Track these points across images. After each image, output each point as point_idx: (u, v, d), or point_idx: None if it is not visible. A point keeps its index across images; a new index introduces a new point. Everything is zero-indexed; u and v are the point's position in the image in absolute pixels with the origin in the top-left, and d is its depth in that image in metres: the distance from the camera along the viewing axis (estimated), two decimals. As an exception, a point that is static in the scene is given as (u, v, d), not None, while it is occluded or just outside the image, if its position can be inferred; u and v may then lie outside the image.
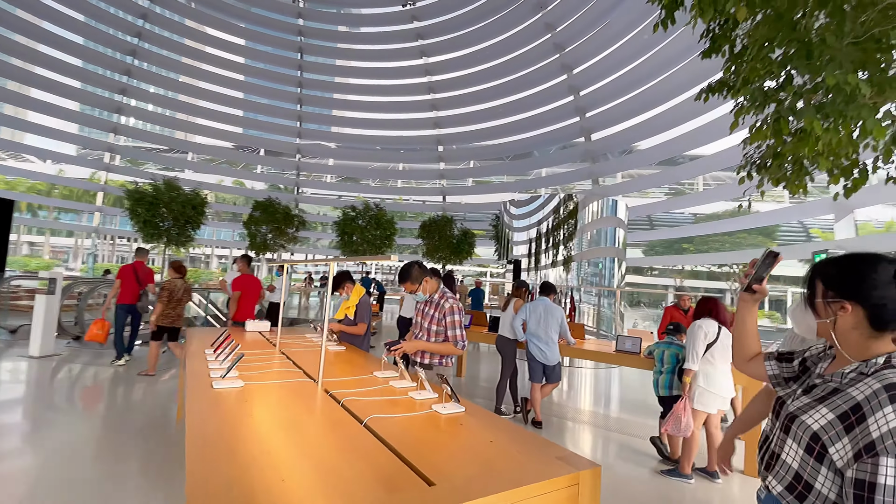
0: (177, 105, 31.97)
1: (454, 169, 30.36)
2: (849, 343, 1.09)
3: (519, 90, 24.28)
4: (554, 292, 5.21)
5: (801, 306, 1.19)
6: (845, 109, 1.95)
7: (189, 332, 4.18)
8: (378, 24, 28.19)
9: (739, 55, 3.04)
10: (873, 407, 0.95)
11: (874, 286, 1.05)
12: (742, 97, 3.42)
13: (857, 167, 2.68)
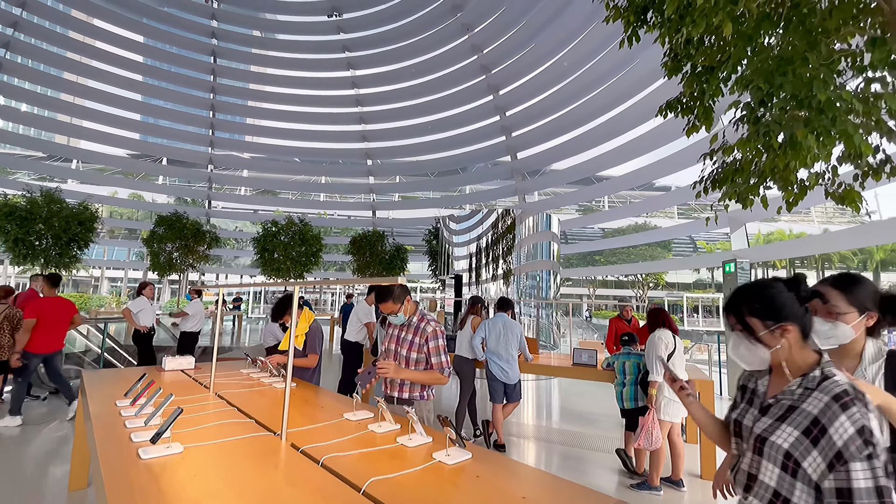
0: (58, 105, 27.81)
1: (383, 184, 29.87)
2: (793, 361, 1.22)
3: (447, 108, 24.68)
4: (511, 307, 5.08)
5: (744, 345, 1.26)
6: (830, 126, 2.04)
7: (85, 375, 3.34)
8: (303, 33, 27.14)
9: (701, 74, 3.16)
10: (830, 418, 1.06)
11: (793, 303, 1.21)
12: (695, 115, 3.60)
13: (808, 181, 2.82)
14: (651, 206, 19.34)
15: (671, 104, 3.60)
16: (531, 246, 11.69)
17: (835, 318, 1.46)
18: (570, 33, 18.22)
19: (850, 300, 1.46)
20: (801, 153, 2.19)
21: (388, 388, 2.63)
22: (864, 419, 1.02)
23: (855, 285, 1.48)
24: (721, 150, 3.02)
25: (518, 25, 20.47)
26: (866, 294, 1.46)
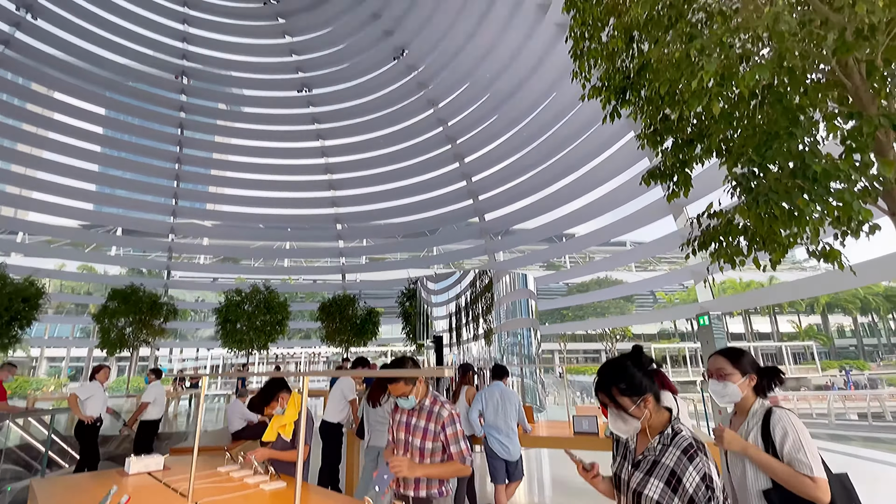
0: (8, 177, 26.62)
1: (352, 247, 29.71)
2: (651, 423, 1.52)
3: (415, 174, 25.50)
4: (507, 374, 4.89)
5: (620, 419, 1.55)
6: (826, 194, 2.20)
7: (35, 485, 2.84)
8: (272, 107, 27.96)
9: (681, 147, 3.39)
10: (682, 469, 1.37)
11: (645, 377, 1.54)
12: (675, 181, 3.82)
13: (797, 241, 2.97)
14: (619, 261, 20.13)
15: (653, 174, 3.81)
16: (510, 304, 11.69)
17: (724, 379, 1.91)
18: (532, 103, 19.68)
19: (735, 366, 1.91)
20: (803, 221, 2.32)
21: (401, 487, 2.35)
22: (706, 467, 1.34)
23: (739, 355, 1.94)
24: (708, 215, 3.17)
25: (481, 100, 21.99)
26: (748, 361, 1.92)
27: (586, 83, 4.78)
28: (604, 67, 4.48)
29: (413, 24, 22.56)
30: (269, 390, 3.48)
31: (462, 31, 20.84)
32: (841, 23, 2.17)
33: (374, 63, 25.23)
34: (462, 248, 27.74)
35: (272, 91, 27.78)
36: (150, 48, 25.81)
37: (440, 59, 22.73)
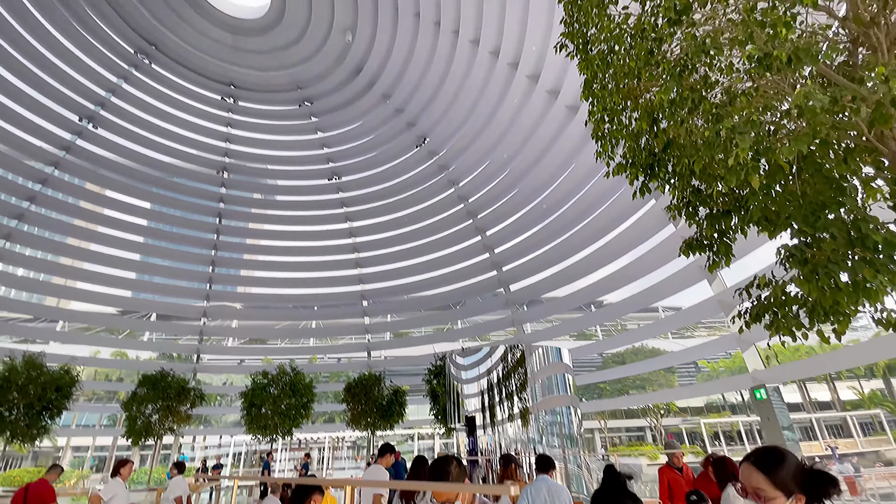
0: (55, 269, 28.40)
1: (378, 323, 29.64)
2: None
3: (438, 249, 26.09)
4: (553, 466, 4.50)
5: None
6: (889, 262, 2.15)
7: None
8: (305, 194, 29.89)
9: (718, 218, 3.42)
10: None
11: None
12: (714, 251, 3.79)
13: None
14: (655, 330, 19.29)
15: (691, 245, 3.80)
16: (545, 379, 11.14)
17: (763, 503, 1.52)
18: (549, 176, 20.48)
19: (776, 484, 1.52)
20: (870, 291, 2.25)
21: None
22: None
23: (778, 465, 1.55)
24: (760, 285, 3.10)
25: (499, 176, 23.07)
26: (788, 474, 1.52)
27: (610, 161, 4.99)
28: (627, 145, 4.70)
29: (432, 115, 24.57)
30: (302, 494, 3.31)
31: (478, 118, 22.47)
32: (875, 97, 2.26)
33: (398, 151, 27.18)
34: (489, 320, 27.28)
35: (304, 180, 29.84)
36: (197, 149, 28.52)
37: (459, 144, 24.33)
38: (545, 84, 18.68)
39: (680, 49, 4.04)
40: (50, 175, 23.62)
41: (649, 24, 3.64)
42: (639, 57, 3.72)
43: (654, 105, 3.60)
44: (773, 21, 2.71)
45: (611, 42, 4.36)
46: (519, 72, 19.38)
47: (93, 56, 24.08)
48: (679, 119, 3.39)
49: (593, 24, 4.62)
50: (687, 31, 3.55)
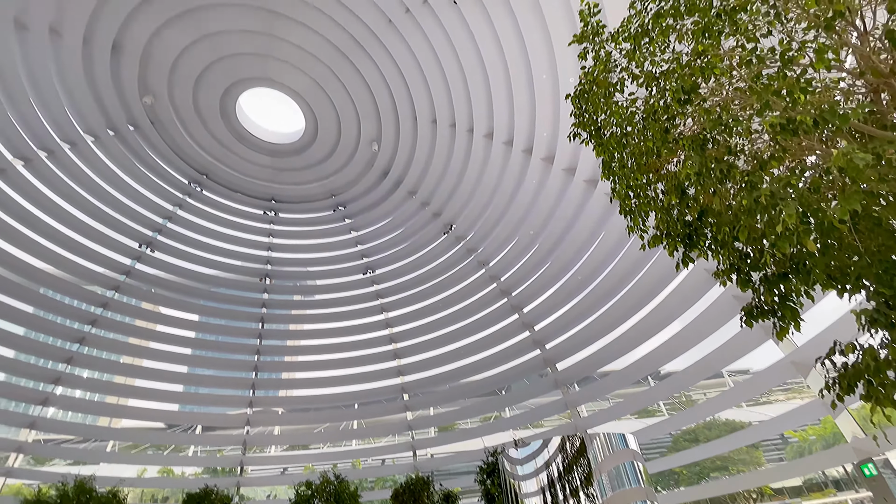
0: (110, 388, 29.32)
1: (421, 418, 28.27)
2: None
3: (475, 332, 25.64)
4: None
5: None
6: None
7: None
8: (342, 290, 30.80)
9: (776, 282, 3.25)
10: None
11: None
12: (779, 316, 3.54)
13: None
14: (728, 400, 17.25)
15: (751, 312, 3.60)
16: (612, 470, 10.01)
17: None
18: (579, 247, 20.48)
19: None
20: None
21: None
22: None
23: None
24: (844, 352, 2.83)
25: (529, 253, 23.23)
26: None
27: (644, 234, 4.98)
28: (658, 216, 4.71)
29: (456, 204, 25.89)
30: None
31: (501, 201, 23.38)
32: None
33: (426, 240, 28.23)
34: (540, 404, 25.56)
35: (340, 277, 30.96)
36: (241, 260, 30.48)
37: (485, 227, 25.11)
38: (561, 163, 19.49)
39: (695, 123, 4.21)
40: (110, 299, 25.48)
41: (659, 106, 3.85)
42: (655, 137, 3.89)
43: (679, 178, 3.66)
44: (788, 88, 2.81)
45: (623, 125, 4.60)
46: (534, 156, 20.44)
47: (153, 189, 27.22)
48: (710, 189, 3.42)
49: (601, 111, 4.93)
50: (697, 106, 3.72)
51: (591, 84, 4.84)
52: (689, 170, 3.40)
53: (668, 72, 3.97)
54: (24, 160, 21.44)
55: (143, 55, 22.46)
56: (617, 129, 4.73)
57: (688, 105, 3.62)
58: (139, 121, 25.44)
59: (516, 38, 17.81)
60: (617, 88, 4.74)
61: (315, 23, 22.10)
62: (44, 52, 19.91)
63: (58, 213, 23.13)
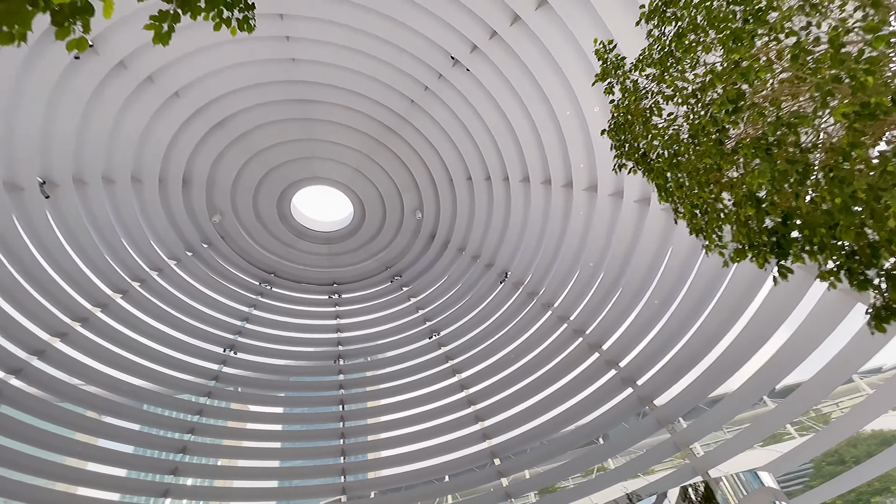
0: (211, 494, 30.24)
1: (518, 482, 26.38)
2: None
3: (556, 379, 24.26)
4: None
5: None
6: None
7: None
8: (411, 359, 30.88)
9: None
10: None
11: None
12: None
13: None
14: (874, 409, 14.55)
15: (880, 314, 3.15)
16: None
17: None
18: (648, 270, 19.37)
19: None
20: None
21: None
22: None
23: None
24: None
25: (594, 286, 22.30)
26: None
27: (722, 251, 4.65)
28: (733, 228, 4.39)
29: (507, 251, 25.89)
30: None
31: (550, 239, 23.09)
32: None
33: (484, 292, 28.04)
34: (647, 446, 23.15)
35: (407, 346, 31.12)
36: (314, 346, 31.70)
37: (540, 268, 24.72)
38: (606, 190, 19.12)
39: (747, 128, 4.02)
40: (204, 405, 27.05)
41: (706, 121, 3.73)
42: (709, 151, 3.73)
43: (750, 188, 3.44)
44: (849, 72, 2.63)
45: (669, 146, 4.48)
46: (575, 189, 20.27)
47: (230, 296, 29.59)
48: (792, 192, 3.15)
49: (642, 138, 4.85)
50: (749, 111, 3.57)
51: (624, 115, 4.83)
52: (759, 178, 3.19)
53: (705, 85, 3.88)
54: (122, 292, 24.29)
55: (207, 181, 25.59)
56: (664, 150, 4.61)
57: (737, 114, 3.48)
58: (211, 237, 28.40)
59: (533, 87, 18.51)
60: (653, 112, 4.69)
61: (347, 119, 24.33)
62: (128, 198, 23.18)
63: (152, 332, 25.57)
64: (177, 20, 2.66)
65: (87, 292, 22.48)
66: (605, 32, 13.43)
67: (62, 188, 19.92)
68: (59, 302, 21.02)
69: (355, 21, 19.02)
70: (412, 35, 19.25)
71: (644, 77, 4.64)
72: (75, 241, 21.47)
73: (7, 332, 18.79)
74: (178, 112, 22.19)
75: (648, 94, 4.56)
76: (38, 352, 20.02)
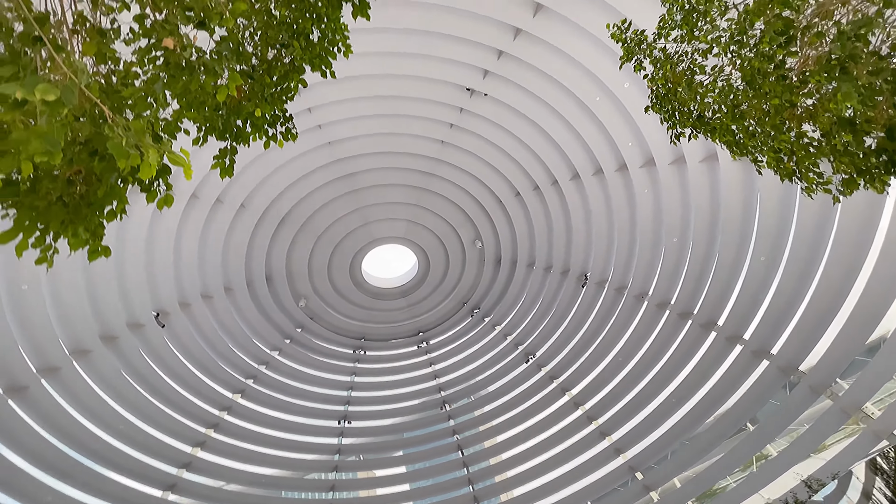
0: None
1: (670, 493, 23.93)
2: None
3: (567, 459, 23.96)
4: None
5: None
6: None
7: None
8: (516, 387, 30.16)
9: None
10: None
11: None
12: None
13: None
14: None
15: None
16: None
17: None
18: (671, 371, 18.83)
19: None
20: None
21: None
22: None
23: None
24: None
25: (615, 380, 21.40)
26: None
27: (828, 188, 4.10)
28: (835, 160, 3.89)
29: (578, 253, 25.04)
30: None
31: (622, 229, 21.95)
32: None
33: (568, 300, 27.03)
34: (804, 421, 20.11)
35: (507, 376, 30.43)
36: (418, 398, 31.99)
37: (620, 258, 23.41)
38: (664, 160, 18.03)
39: (804, 58, 3.62)
40: (335, 480, 28.05)
41: (757, 63, 3.39)
42: (775, 91, 3.37)
43: (839, 112, 3.04)
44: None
45: (725, 99, 4.13)
46: (631, 170, 19.35)
47: (330, 370, 31.14)
48: (887, 103, 2.73)
49: (692, 100, 4.53)
50: (805, 37, 3.22)
51: (664, 84, 4.57)
52: (845, 102, 2.82)
53: (742, 27, 3.58)
54: (241, 392, 26.55)
55: (287, 272, 27.86)
56: (720, 106, 4.26)
57: (790, 44, 3.15)
58: (302, 321, 30.49)
59: (555, 87, 18.40)
60: (694, 72, 4.39)
61: (388, 178, 25.68)
62: (226, 307, 25.72)
63: (273, 422, 27.30)
64: (234, 153, 3.01)
65: (212, 400, 24.84)
66: (613, 15, 13.12)
67: (172, 315, 22.62)
68: (192, 415, 23.38)
69: (372, 90, 20.34)
70: (426, 83, 20.13)
71: (672, 42, 4.40)
72: (193, 357, 24.05)
73: (153, 452, 21.04)
74: (247, 221, 24.73)
75: (683, 57, 4.30)
76: (184, 465, 22.13)
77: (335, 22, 3.40)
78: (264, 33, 3.16)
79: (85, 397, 18.08)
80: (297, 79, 3.40)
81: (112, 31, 3.06)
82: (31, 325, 15.48)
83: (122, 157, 1.85)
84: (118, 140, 1.83)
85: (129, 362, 20.39)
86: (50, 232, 2.66)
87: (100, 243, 2.83)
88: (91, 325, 18.03)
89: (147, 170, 2.01)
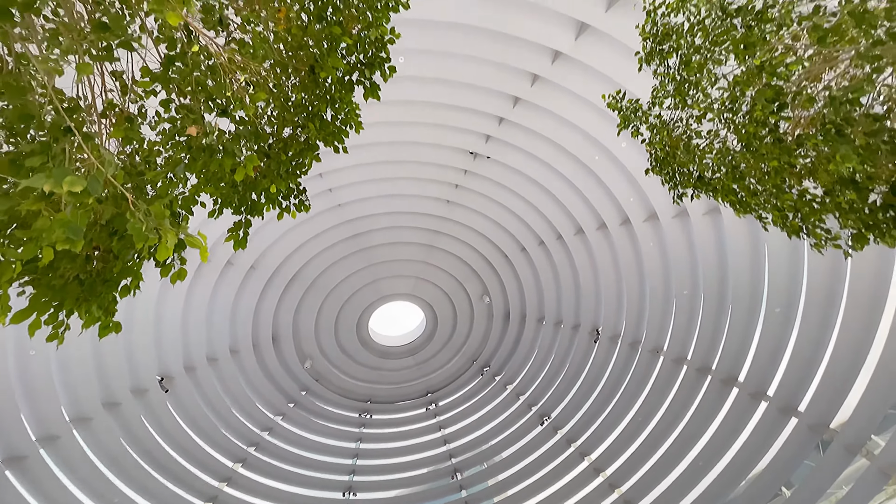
0: None
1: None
2: None
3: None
4: None
5: None
6: None
7: None
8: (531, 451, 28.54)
9: None
10: None
11: None
12: None
13: None
14: None
15: None
16: None
17: None
18: (691, 436, 18.76)
19: None
20: None
21: None
22: None
23: None
24: None
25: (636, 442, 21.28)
26: None
27: (837, 244, 4.09)
28: (842, 216, 3.90)
29: (587, 306, 24.67)
30: None
31: (630, 282, 21.80)
32: None
33: (581, 356, 26.25)
34: (843, 483, 18.52)
35: (522, 440, 28.89)
36: (427, 466, 30.22)
37: (631, 312, 23.03)
38: (667, 214, 18.25)
39: (797, 120, 3.76)
40: None
41: (751, 127, 3.51)
42: (772, 153, 3.46)
43: (841, 173, 3.10)
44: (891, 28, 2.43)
45: (723, 160, 4.24)
46: (635, 224, 19.55)
47: (331, 434, 29.73)
48: (886, 161, 2.79)
49: (691, 162, 4.66)
50: (795, 101, 3.36)
51: (662, 148, 4.73)
52: (845, 164, 2.88)
53: (734, 95, 3.76)
54: (242, 461, 25.24)
55: (293, 332, 27.56)
56: (719, 166, 4.37)
57: (783, 109, 3.29)
58: (307, 383, 29.65)
59: (553, 150, 19.13)
60: (690, 137, 4.56)
61: (395, 237, 26.10)
62: (231, 370, 25.22)
63: (275, 494, 25.67)
64: (249, 226, 3.09)
65: (213, 470, 23.57)
66: (606, 82, 13.93)
67: (177, 378, 22.16)
68: (191, 487, 22.11)
69: (381, 155, 21.27)
70: (431, 149, 21.07)
71: (666, 109, 4.62)
72: (195, 423, 23.20)
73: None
74: (256, 282, 24.91)
75: (679, 122, 4.49)
76: (180, 542, 20.62)
77: (348, 104, 3.66)
78: (281, 115, 3.38)
79: (82, 468, 17.30)
80: (311, 155, 3.59)
81: (139, 114, 3.28)
82: (34, 390, 15.22)
83: (142, 240, 1.91)
84: (139, 225, 1.90)
85: (130, 430, 19.70)
86: (63, 309, 2.68)
87: (111, 319, 2.84)
88: (94, 391, 17.68)
89: (164, 252, 2.06)
